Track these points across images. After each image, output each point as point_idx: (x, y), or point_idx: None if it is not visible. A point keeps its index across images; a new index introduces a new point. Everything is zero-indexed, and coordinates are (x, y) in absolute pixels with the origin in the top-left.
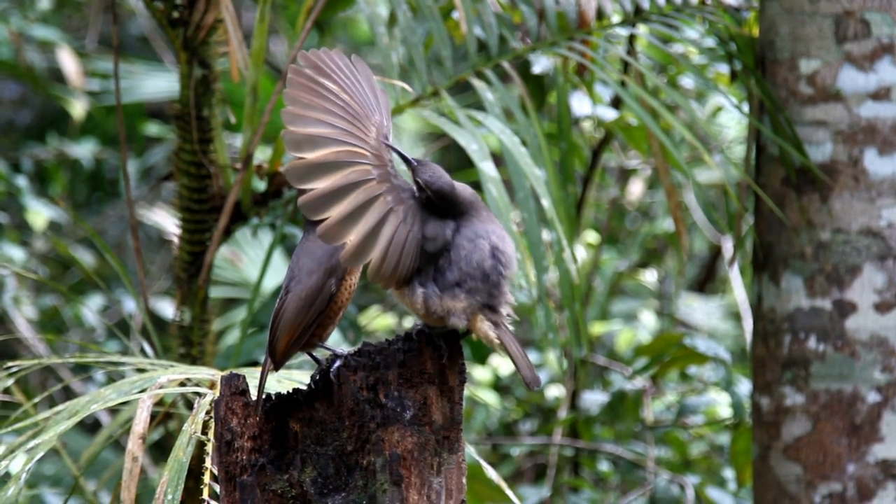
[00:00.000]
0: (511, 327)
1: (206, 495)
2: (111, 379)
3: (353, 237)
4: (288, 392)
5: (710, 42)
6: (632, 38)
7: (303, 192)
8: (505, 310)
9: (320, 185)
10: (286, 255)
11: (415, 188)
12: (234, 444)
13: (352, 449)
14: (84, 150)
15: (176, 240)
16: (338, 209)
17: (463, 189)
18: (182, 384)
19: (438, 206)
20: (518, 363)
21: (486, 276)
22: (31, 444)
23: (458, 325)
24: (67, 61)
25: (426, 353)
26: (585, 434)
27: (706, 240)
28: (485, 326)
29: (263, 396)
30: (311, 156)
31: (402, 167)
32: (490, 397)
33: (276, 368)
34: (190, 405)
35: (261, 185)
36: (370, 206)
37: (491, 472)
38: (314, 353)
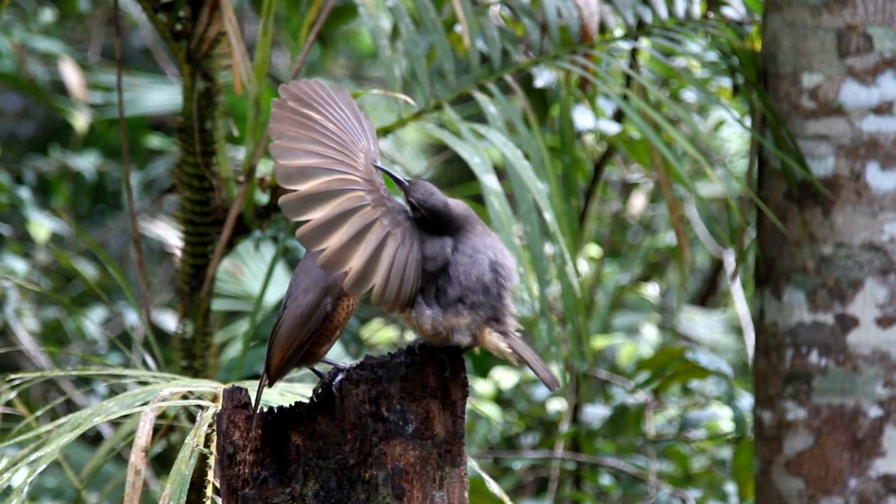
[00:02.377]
0: (518, 334)
1: None
2: (113, 391)
3: (354, 264)
4: (290, 405)
5: (712, 56)
6: (634, 52)
7: (298, 224)
8: (510, 321)
9: (316, 215)
10: (288, 268)
11: (409, 208)
12: (236, 458)
13: (354, 462)
14: (86, 163)
15: (178, 252)
16: (336, 238)
17: (456, 205)
18: (184, 397)
19: (433, 224)
20: (534, 367)
21: (487, 290)
22: (34, 456)
23: (462, 342)
24: (70, 73)
25: (428, 367)
26: (587, 448)
27: (708, 253)
28: (494, 338)
29: (266, 409)
30: (304, 187)
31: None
32: (492, 411)
33: (271, 384)
34: (192, 418)
35: (263, 198)
36: (367, 232)
37: (493, 486)
38: (315, 368)
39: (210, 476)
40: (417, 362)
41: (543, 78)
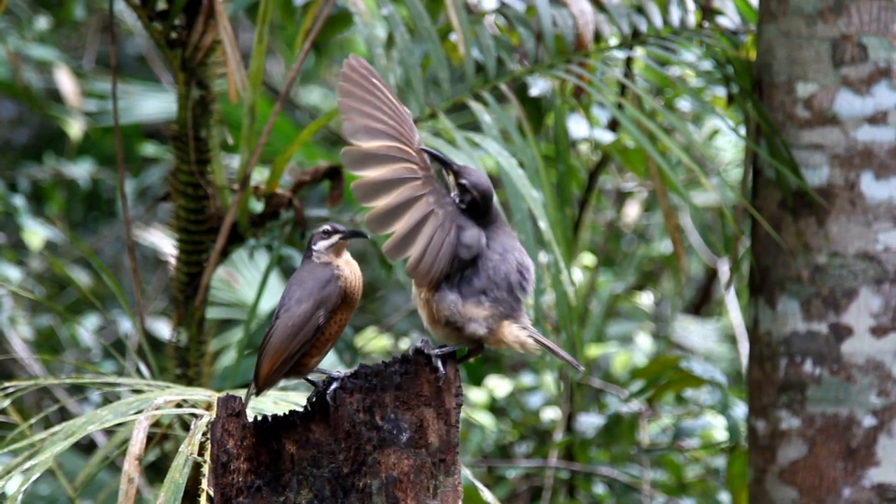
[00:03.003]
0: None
1: None
2: (107, 399)
3: (397, 229)
4: (284, 414)
5: (707, 65)
6: (629, 61)
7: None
8: (525, 321)
9: (372, 174)
10: (282, 276)
11: (454, 193)
12: (230, 466)
13: (348, 471)
14: (81, 170)
15: (172, 260)
16: (385, 200)
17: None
18: (178, 405)
19: (476, 211)
20: (559, 353)
21: (511, 289)
22: (28, 464)
23: (476, 333)
24: (65, 81)
25: (422, 376)
26: (581, 456)
27: (702, 262)
28: (514, 329)
29: (260, 418)
30: (367, 145)
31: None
32: (486, 419)
33: (258, 393)
34: (186, 426)
35: (258, 207)
36: (414, 204)
37: (487, 495)
38: (310, 376)
39: (204, 484)
40: (412, 371)
41: (538, 87)
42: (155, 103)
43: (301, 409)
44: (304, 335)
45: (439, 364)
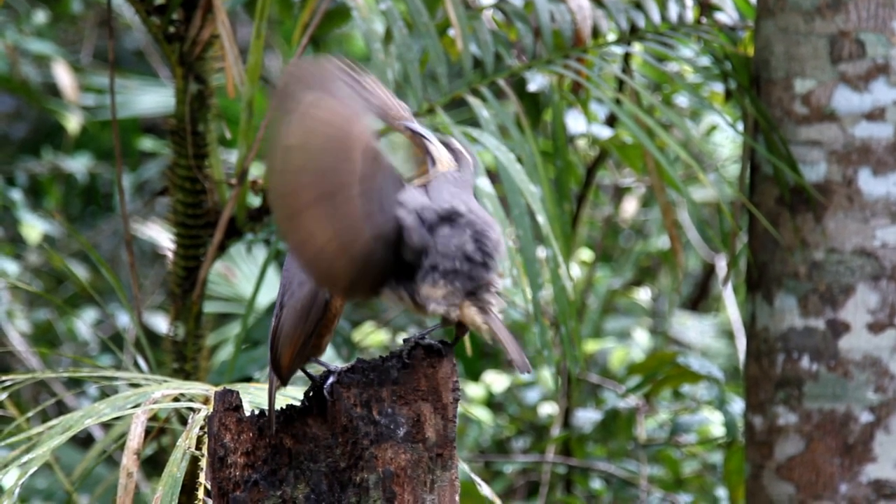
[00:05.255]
0: (500, 314)
1: None
2: (104, 393)
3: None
4: (281, 408)
5: (705, 61)
6: (627, 57)
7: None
8: (491, 296)
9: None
10: (280, 270)
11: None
12: (227, 460)
13: (345, 465)
14: (79, 165)
15: (170, 255)
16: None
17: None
18: (176, 399)
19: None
20: (507, 348)
21: (467, 259)
22: (25, 458)
23: (437, 312)
24: (62, 75)
25: (420, 370)
26: (578, 452)
27: (700, 258)
28: (471, 312)
29: (257, 412)
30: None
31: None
32: (483, 414)
33: (284, 384)
34: (183, 420)
35: (255, 201)
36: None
37: (485, 489)
38: (307, 369)
39: (202, 478)
40: (409, 366)
41: (536, 82)
42: (153, 98)
43: (298, 404)
44: (315, 313)
45: (439, 345)
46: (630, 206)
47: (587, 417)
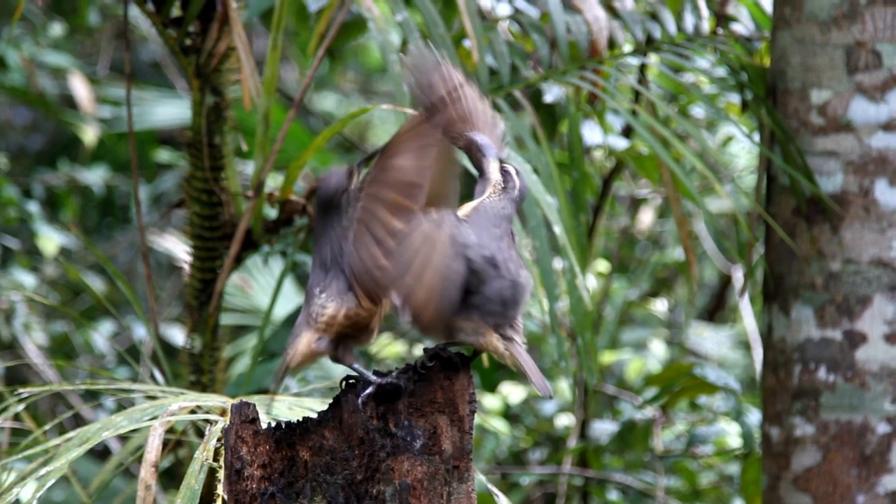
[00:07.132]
0: (522, 344)
1: None
2: (121, 406)
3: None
4: (297, 420)
5: (721, 72)
6: (643, 68)
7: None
8: (515, 332)
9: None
10: (297, 282)
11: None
12: (243, 473)
13: (361, 478)
14: (95, 177)
15: (187, 267)
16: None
17: None
18: (193, 412)
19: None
20: (530, 375)
21: (504, 304)
22: (42, 471)
23: (462, 339)
24: (79, 87)
25: (436, 383)
26: (595, 463)
27: (716, 269)
28: (494, 339)
29: (273, 424)
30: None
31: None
32: (500, 426)
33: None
34: (200, 433)
35: (272, 213)
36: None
37: (502, 501)
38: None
39: (219, 490)
40: (426, 378)
41: (552, 93)
42: (169, 109)
43: (315, 416)
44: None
45: (456, 358)
46: (646, 217)
47: (604, 429)
